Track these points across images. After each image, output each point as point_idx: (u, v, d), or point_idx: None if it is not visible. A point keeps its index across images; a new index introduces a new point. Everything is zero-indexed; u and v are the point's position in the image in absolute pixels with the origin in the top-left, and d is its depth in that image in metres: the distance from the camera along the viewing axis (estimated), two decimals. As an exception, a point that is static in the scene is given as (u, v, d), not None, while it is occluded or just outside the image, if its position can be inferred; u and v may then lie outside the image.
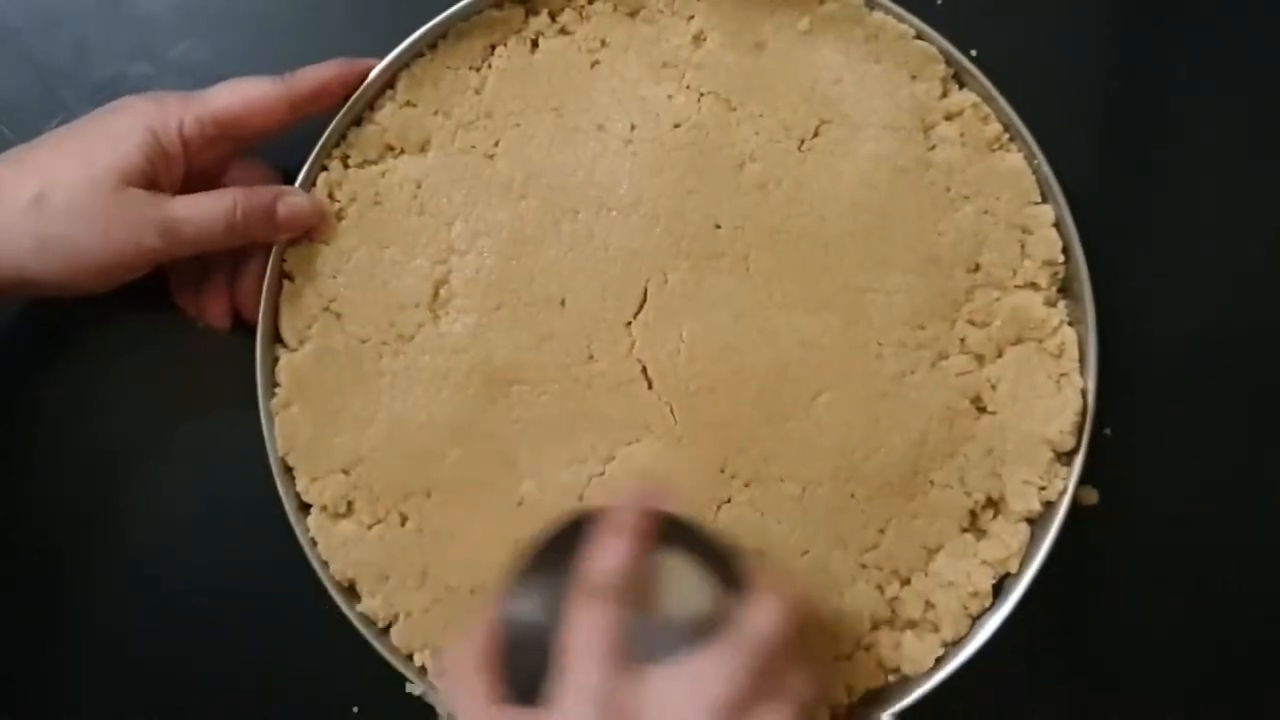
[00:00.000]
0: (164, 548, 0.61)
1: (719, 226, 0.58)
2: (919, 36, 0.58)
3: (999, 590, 0.57)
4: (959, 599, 0.56)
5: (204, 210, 0.54)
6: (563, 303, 0.57)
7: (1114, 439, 0.60)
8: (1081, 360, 0.57)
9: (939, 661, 0.56)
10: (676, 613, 0.48)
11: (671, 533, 0.49)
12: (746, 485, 0.57)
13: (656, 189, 0.57)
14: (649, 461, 0.57)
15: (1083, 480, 0.57)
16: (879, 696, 0.57)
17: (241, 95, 0.55)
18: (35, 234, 0.51)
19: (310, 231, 0.57)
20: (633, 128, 0.58)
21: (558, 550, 0.49)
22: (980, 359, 0.58)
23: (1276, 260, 0.62)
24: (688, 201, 0.58)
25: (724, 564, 0.49)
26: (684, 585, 0.49)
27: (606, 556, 0.47)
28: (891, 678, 0.57)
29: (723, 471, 0.57)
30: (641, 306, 0.57)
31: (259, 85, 0.55)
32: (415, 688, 0.57)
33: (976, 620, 0.57)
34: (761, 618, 0.47)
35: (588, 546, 0.48)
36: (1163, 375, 0.61)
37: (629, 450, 0.57)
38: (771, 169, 0.58)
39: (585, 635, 0.46)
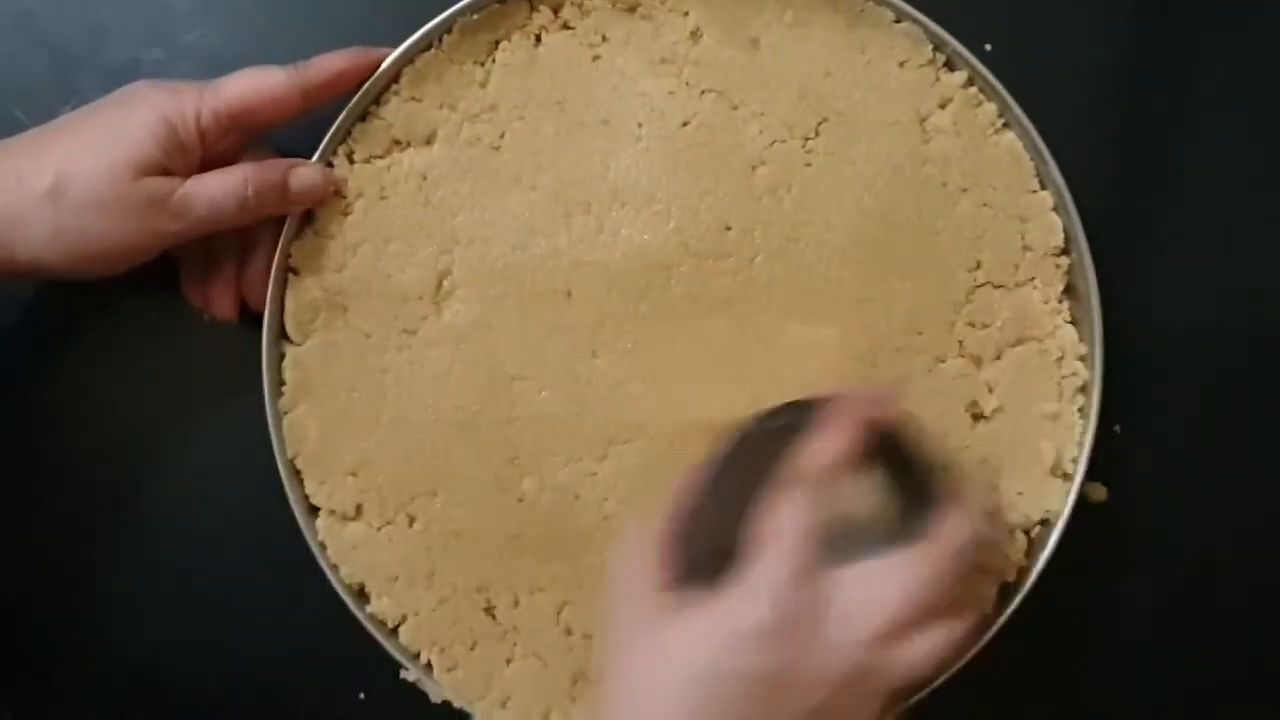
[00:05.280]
0: (170, 541, 0.61)
1: (729, 229, 0.58)
2: (898, 19, 0.57)
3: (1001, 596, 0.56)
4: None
5: (216, 188, 0.54)
6: (569, 294, 0.58)
7: (1123, 436, 0.60)
8: (1088, 361, 0.57)
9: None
10: (860, 522, 0.47)
11: (882, 442, 0.49)
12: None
13: (672, 187, 0.58)
14: (642, 462, 0.57)
15: (1091, 477, 0.57)
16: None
17: (255, 86, 0.54)
18: (51, 224, 0.52)
19: (318, 226, 0.58)
20: (640, 124, 0.58)
21: (757, 443, 0.49)
22: (978, 361, 0.58)
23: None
24: (702, 201, 0.58)
25: (919, 479, 0.49)
26: (873, 498, 0.48)
27: (826, 447, 0.47)
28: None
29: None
30: (643, 302, 0.58)
31: (272, 75, 0.55)
32: (409, 674, 0.58)
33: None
34: (956, 527, 0.47)
35: (802, 437, 0.47)
36: (1172, 371, 0.61)
37: (621, 450, 0.57)
38: (781, 172, 0.58)
39: (787, 522, 0.46)
